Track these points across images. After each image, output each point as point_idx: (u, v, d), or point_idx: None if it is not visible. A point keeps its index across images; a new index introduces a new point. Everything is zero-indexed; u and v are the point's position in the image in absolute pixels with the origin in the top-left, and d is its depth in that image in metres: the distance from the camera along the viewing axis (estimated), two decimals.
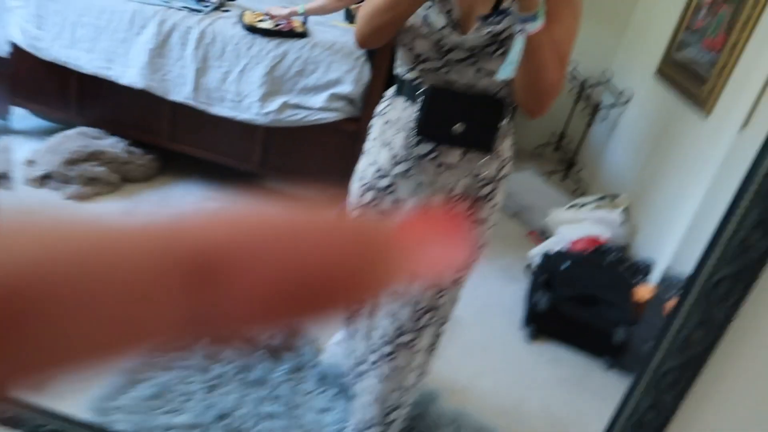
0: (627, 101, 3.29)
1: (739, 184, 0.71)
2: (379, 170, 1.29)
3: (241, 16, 2.44)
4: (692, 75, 2.56)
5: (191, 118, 2.46)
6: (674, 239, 1.88)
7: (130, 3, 2.36)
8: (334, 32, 2.54)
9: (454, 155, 1.21)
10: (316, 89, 2.38)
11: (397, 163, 1.25)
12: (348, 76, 2.35)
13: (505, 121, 1.22)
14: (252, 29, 2.37)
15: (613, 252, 2.48)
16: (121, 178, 2.41)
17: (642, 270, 2.28)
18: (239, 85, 2.37)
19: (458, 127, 1.16)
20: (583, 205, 2.94)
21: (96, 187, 2.29)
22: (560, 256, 2.37)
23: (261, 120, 2.38)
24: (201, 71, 2.38)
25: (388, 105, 1.28)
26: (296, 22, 2.47)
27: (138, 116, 2.52)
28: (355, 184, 1.37)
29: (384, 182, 1.28)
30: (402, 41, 1.18)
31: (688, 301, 0.75)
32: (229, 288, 0.18)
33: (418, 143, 1.20)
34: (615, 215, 2.79)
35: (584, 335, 2.13)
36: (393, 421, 1.42)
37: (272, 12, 2.43)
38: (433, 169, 1.22)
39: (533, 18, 0.95)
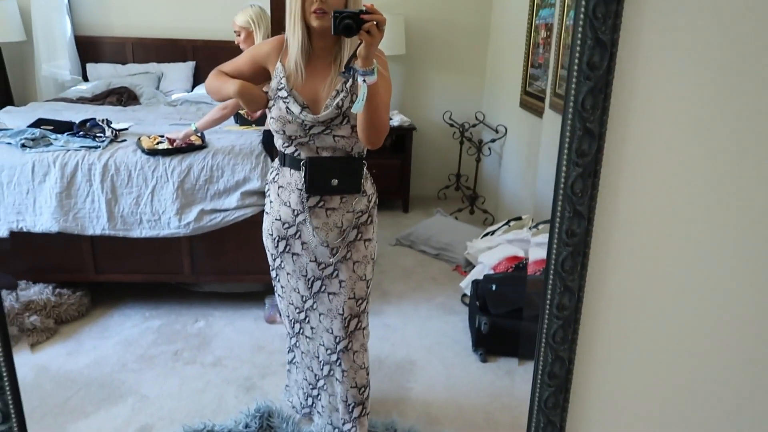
0: (504, 134, 3.68)
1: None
2: (284, 223, 1.66)
3: (138, 143, 2.57)
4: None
5: (113, 247, 2.51)
6: None
7: (27, 155, 2.43)
8: (230, 137, 2.72)
9: (335, 201, 1.62)
10: (227, 191, 2.53)
11: (297, 215, 1.63)
12: (253, 173, 2.52)
13: (364, 169, 1.65)
14: (153, 152, 2.50)
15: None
16: (56, 321, 2.40)
17: None
18: (153, 205, 2.47)
19: (334, 182, 1.58)
20: (494, 232, 3.20)
21: (33, 336, 2.27)
22: (487, 280, 2.58)
23: (183, 231, 2.48)
24: (112, 201, 2.47)
25: (276, 173, 1.66)
26: (193, 136, 2.64)
27: (59, 258, 2.54)
28: (268, 240, 1.72)
29: (292, 230, 1.66)
30: (275, 129, 1.58)
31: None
32: None
33: (308, 198, 1.60)
34: (524, 233, 3.08)
35: (527, 344, 2.32)
36: (356, 417, 1.74)
37: (170, 137, 2.59)
38: (323, 213, 1.62)
39: (371, 72, 1.38)
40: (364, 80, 1.37)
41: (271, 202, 1.68)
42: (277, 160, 1.67)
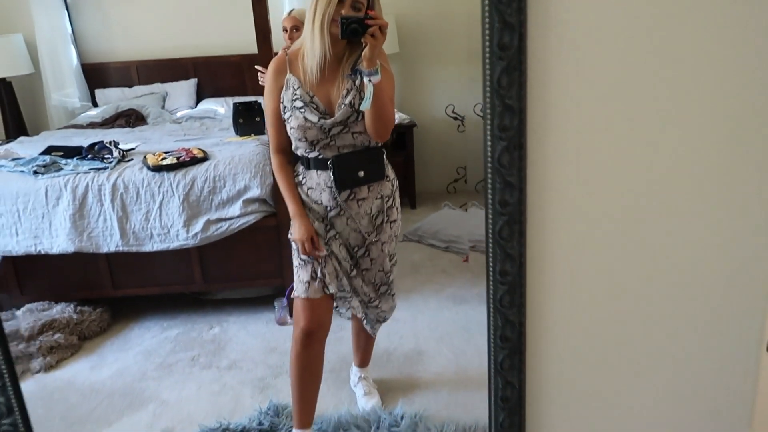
0: None
1: None
2: (314, 221, 1.77)
3: (144, 161, 2.67)
4: None
5: (128, 262, 2.62)
6: None
7: (39, 181, 2.55)
8: (231, 148, 2.81)
9: (364, 191, 1.75)
10: (230, 200, 2.61)
11: (329, 211, 1.75)
12: (253, 181, 2.60)
13: (384, 156, 1.79)
14: (158, 168, 2.60)
15: None
16: (79, 338, 2.51)
17: None
18: (162, 219, 2.57)
19: (361, 173, 1.71)
20: None
21: (58, 353, 2.38)
22: None
23: (191, 242, 2.56)
24: (123, 219, 2.57)
25: (303, 177, 1.77)
26: (195, 149, 2.74)
27: (78, 277, 2.65)
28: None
29: (322, 226, 1.77)
30: (297, 137, 1.69)
31: None
32: None
33: (340, 194, 1.71)
34: None
35: None
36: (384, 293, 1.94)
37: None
38: (354, 205, 1.75)
39: (375, 72, 1.52)
40: (369, 80, 1.52)
41: (302, 203, 1.78)
42: (300, 164, 1.78)
